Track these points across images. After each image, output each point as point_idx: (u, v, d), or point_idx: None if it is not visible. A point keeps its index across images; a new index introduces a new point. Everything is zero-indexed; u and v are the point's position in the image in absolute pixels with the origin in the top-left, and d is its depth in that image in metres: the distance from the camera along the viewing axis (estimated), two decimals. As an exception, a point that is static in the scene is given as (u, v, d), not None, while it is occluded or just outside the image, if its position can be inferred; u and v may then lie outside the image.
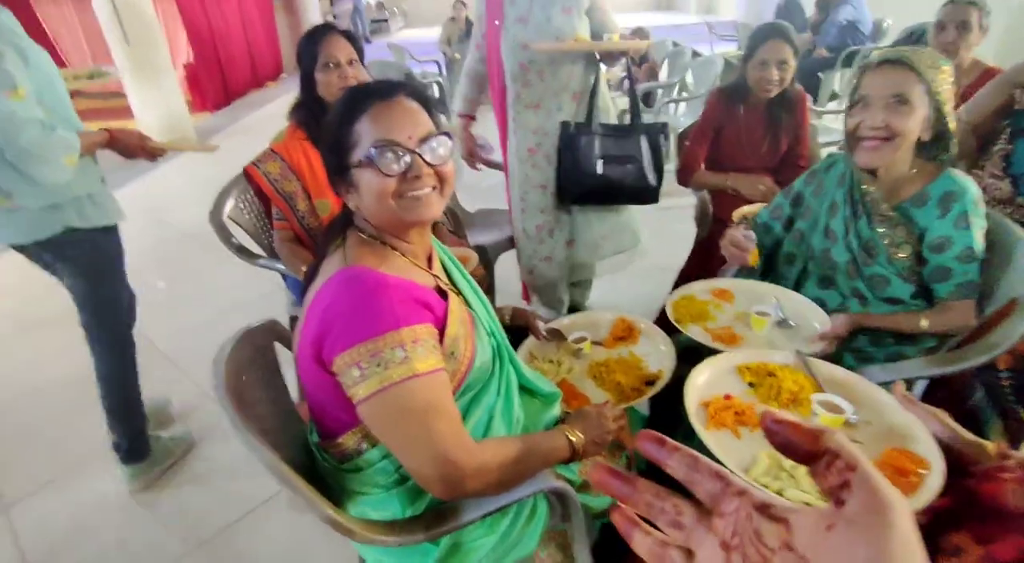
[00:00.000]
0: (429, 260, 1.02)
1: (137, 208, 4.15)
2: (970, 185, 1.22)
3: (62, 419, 2.17)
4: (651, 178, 2.00)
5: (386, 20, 14.33)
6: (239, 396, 0.94)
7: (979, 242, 1.21)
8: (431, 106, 0.95)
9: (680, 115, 4.60)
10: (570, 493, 1.01)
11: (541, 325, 1.37)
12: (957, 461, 0.84)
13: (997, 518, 0.68)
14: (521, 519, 1.03)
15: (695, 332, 1.30)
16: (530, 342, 1.37)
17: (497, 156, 2.28)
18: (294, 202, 1.68)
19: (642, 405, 1.46)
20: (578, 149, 1.94)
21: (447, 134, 0.92)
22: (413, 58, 6.44)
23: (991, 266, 1.25)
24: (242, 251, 1.86)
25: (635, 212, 2.23)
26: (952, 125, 1.20)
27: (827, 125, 3.54)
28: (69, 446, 2.04)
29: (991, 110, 1.60)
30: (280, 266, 1.77)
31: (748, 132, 2.08)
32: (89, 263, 1.65)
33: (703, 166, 2.18)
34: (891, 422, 0.94)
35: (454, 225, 1.98)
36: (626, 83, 4.56)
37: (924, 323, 1.23)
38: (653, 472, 1.23)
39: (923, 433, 0.88)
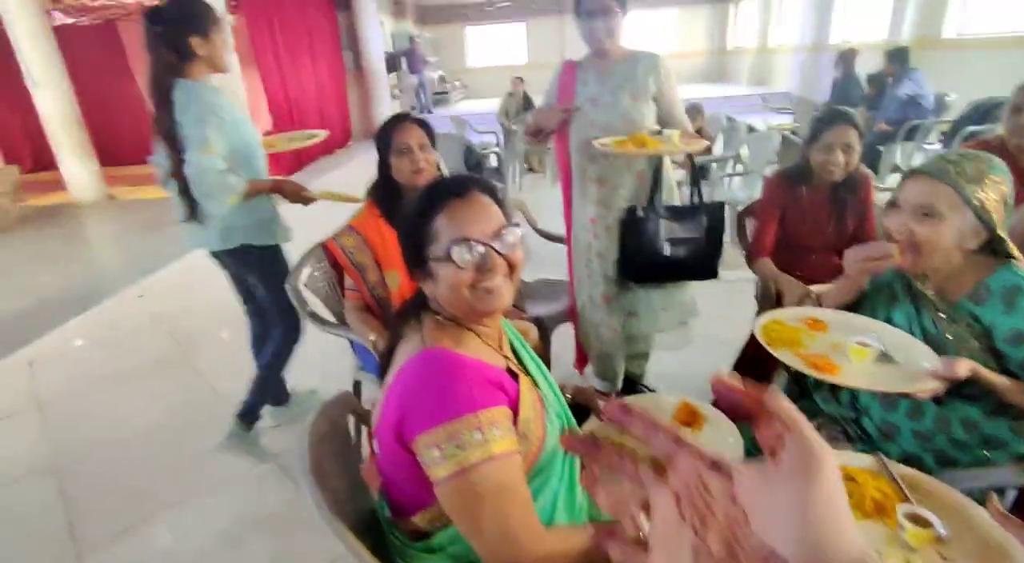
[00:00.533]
0: (500, 341, 1.06)
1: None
2: None
3: (143, 467, 2.27)
4: (712, 256, 2.02)
5: (447, 93, 15.22)
6: (319, 471, 0.98)
7: None
8: (501, 199, 1.01)
9: (735, 189, 4.63)
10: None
11: (603, 405, 1.36)
12: None
13: None
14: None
15: (786, 356, 1.22)
16: (592, 422, 1.37)
17: (559, 228, 2.35)
18: (365, 273, 1.77)
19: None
20: (643, 233, 1.99)
21: (517, 224, 0.98)
22: (473, 129, 6.79)
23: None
24: (315, 318, 1.96)
25: (694, 285, 2.23)
26: (999, 231, 1.17)
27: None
28: (148, 495, 2.12)
29: None
30: (350, 334, 1.85)
31: (812, 214, 2.08)
32: (262, 271, 2.13)
33: (771, 247, 2.16)
34: (985, 538, 0.89)
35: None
36: (681, 158, 4.67)
37: None
38: None
39: (1021, 553, 0.83)
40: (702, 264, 2.05)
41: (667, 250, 2.00)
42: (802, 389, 1.56)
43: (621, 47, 1.96)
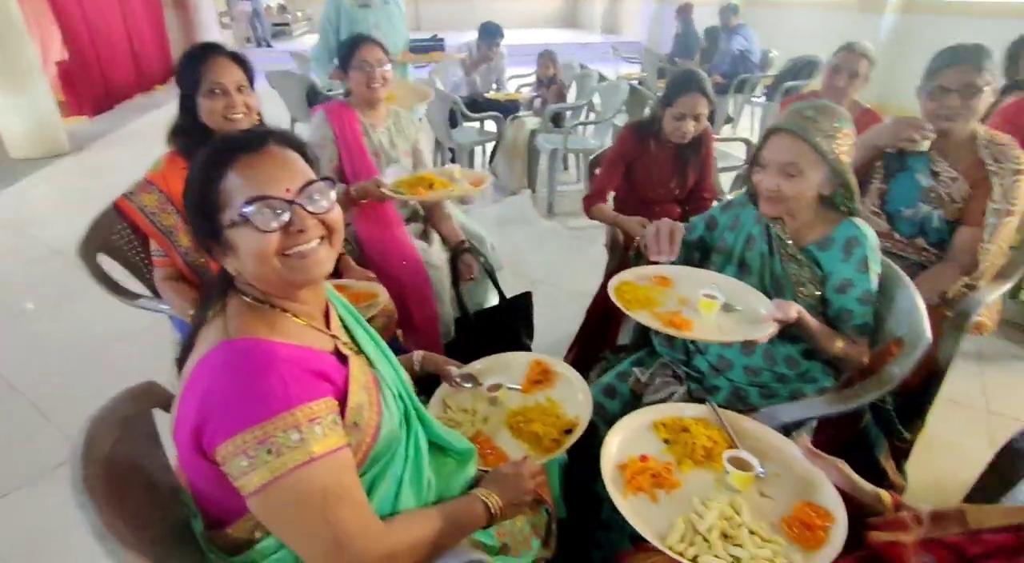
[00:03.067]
0: (327, 317, 0.93)
1: (-3, 223, 3.68)
2: (870, 233, 1.30)
3: None
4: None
5: (288, 24, 13.63)
6: (107, 486, 0.80)
7: (875, 286, 1.30)
8: (307, 152, 0.87)
9: (589, 136, 4.71)
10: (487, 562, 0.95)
11: (454, 371, 1.30)
12: (857, 511, 0.87)
13: None
14: (436, 593, 0.96)
15: (644, 317, 1.27)
16: (444, 390, 1.30)
17: None
18: (175, 237, 1.51)
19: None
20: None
21: (329, 179, 0.85)
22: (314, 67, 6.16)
23: (877, 306, 1.34)
24: (119, 290, 1.65)
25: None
26: (853, 181, 1.27)
27: (723, 151, 3.75)
28: None
29: (856, 163, 1.74)
30: (164, 307, 1.59)
31: (659, 168, 2.15)
32: None
33: (613, 196, 2.21)
34: (798, 474, 0.97)
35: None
36: (537, 103, 4.64)
37: (840, 344, 1.29)
38: (574, 522, 1.20)
39: (827, 485, 0.91)
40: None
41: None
42: (644, 338, 1.62)
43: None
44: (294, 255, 0.82)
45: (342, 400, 0.83)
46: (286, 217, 0.80)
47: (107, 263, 1.68)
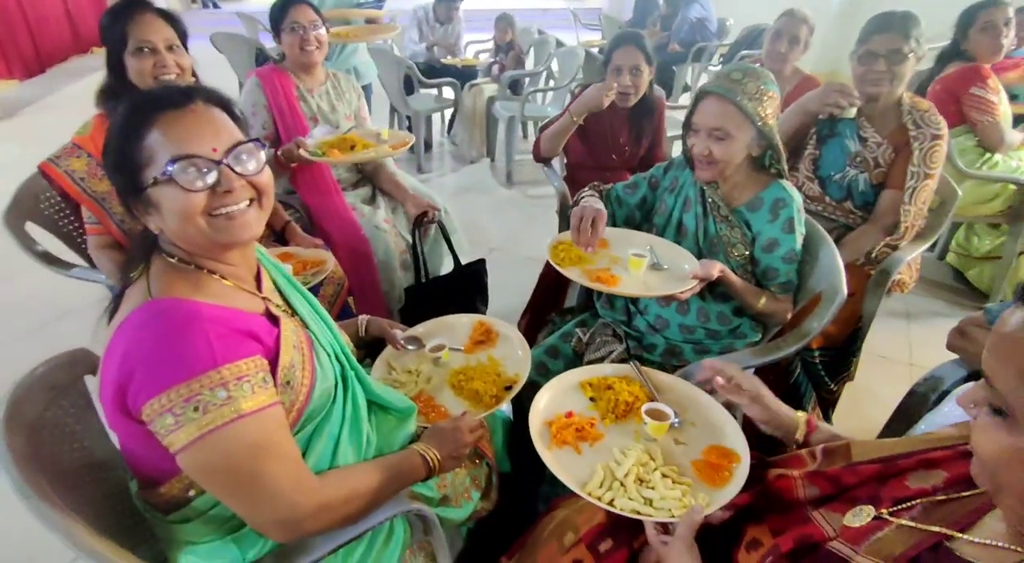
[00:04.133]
0: (258, 280, 0.94)
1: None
2: (796, 194, 1.36)
3: None
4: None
5: (237, -17, 12.97)
6: (35, 456, 0.80)
7: (799, 246, 1.36)
8: (235, 111, 0.86)
9: (547, 104, 4.69)
10: (427, 513, 0.99)
11: (399, 334, 1.32)
12: (777, 442, 0.94)
13: (790, 511, 0.76)
14: (377, 543, 1.00)
15: (575, 274, 1.35)
16: (388, 352, 1.33)
17: None
18: (108, 204, 1.47)
19: (506, 408, 1.49)
20: None
21: (258, 141, 0.84)
22: (266, 29, 5.92)
23: (803, 265, 1.41)
24: (50, 260, 1.60)
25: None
26: (778, 143, 1.33)
27: (678, 118, 3.79)
28: None
29: (792, 129, 1.81)
30: (100, 277, 1.55)
31: (613, 133, 2.17)
32: None
33: (566, 162, 2.22)
34: (709, 421, 1.04)
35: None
36: (495, 69, 4.57)
37: (763, 300, 1.37)
38: (517, 477, 1.25)
39: (734, 429, 0.99)
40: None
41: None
42: (588, 301, 1.67)
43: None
44: (221, 216, 0.81)
45: (273, 360, 0.84)
46: (213, 177, 0.79)
47: (39, 234, 1.62)
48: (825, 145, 1.80)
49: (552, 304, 2.01)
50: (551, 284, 2.08)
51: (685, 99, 5.65)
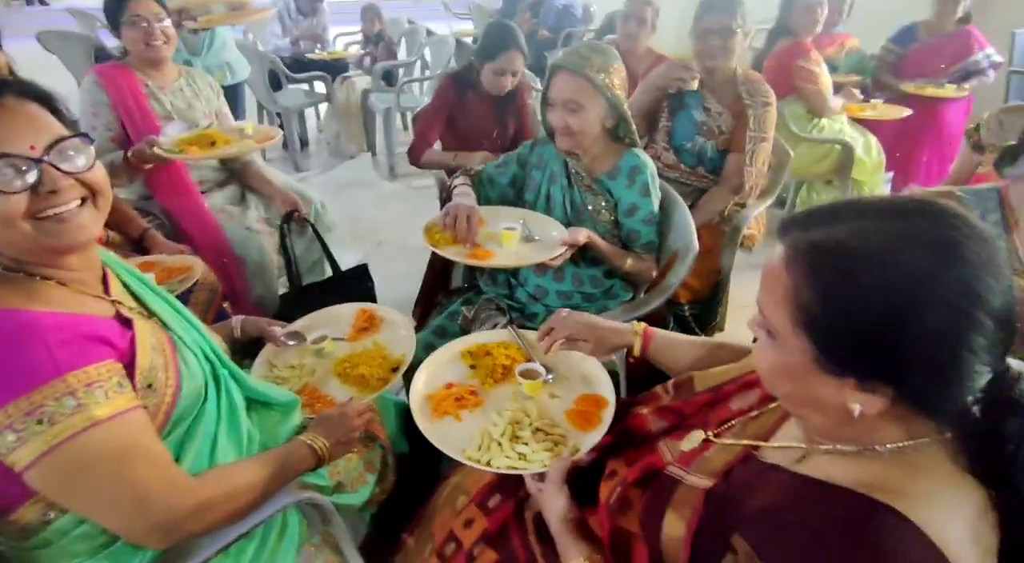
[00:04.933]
0: (105, 283, 0.88)
1: None
2: (649, 161, 1.48)
3: None
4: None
5: (67, -23, 11.61)
6: None
7: (656, 208, 1.48)
8: (55, 104, 0.80)
9: (424, 94, 4.67)
10: (319, 501, 0.98)
11: (278, 331, 1.29)
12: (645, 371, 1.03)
13: (643, 444, 0.85)
14: (271, 538, 0.97)
15: (451, 253, 1.39)
16: (268, 351, 1.29)
17: None
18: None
19: (400, 393, 1.50)
20: None
21: (85, 136, 0.79)
22: (105, 27, 5.36)
23: (662, 226, 1.54)
24: None
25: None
26: (627, 113, 1.43)
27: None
28: None
29: (646, 104, 1.96)
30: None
31: (479, 118, 2.22)
32: None
33: (438, 147, 2.25)
34: (581, 373, 1.11)
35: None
36: (366, 62, 4.47)
37: (629, 261, 1.47)
38: (416, 457, 1.27)
39: (603, 377, 1.06)
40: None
41: None
42: (471, 280, 1.72)
43: None
44: (51, 219, 0.76)
45: (129, 363, 0.80)
46: (32, 176, 0.73)
47: None
48: (676, 117, 1.96)
49: (441, 287, 2.04)
50: (438, 269, 2.10)
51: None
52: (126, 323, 0.84)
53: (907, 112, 2.85)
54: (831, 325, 0.53)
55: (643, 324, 1.04)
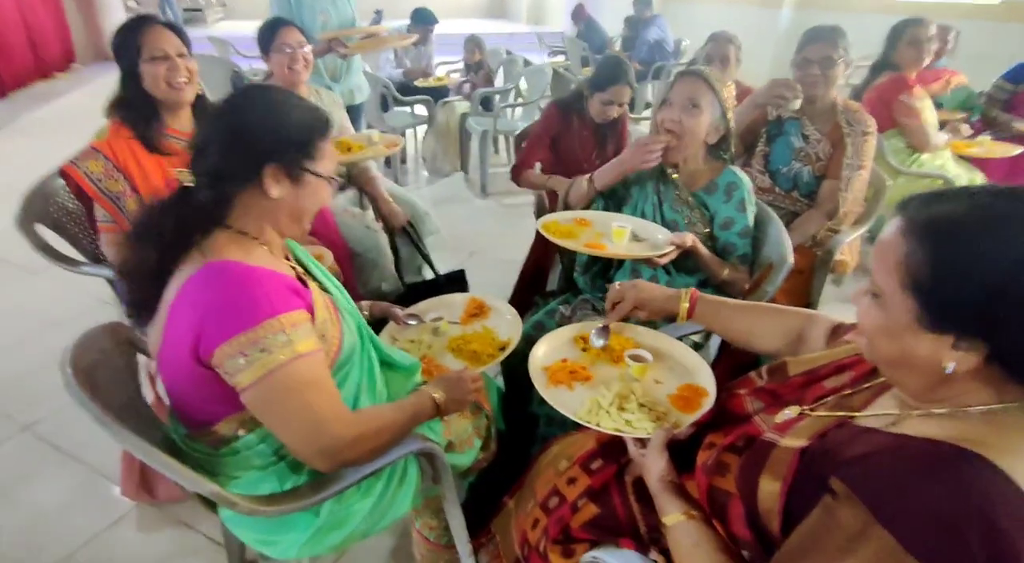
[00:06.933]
0: (285, 253, 1.08)
1: None
2: (745, 178, 1.56)
3: None
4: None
5: (201, 10, 13.02)
6: (92, 393, 0.91)
7: (751, 222, 1.56)
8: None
9: (517, 119, 4.91)
10: (437, 452, 1.12)
11: (400, 313, 1.46)
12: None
13: (740, 421, 0.92)
14: (394, 482, 1.12)
15: (567, 242, 1.51)
16: (391, 327, 1.46)
17: None
18: (122, 202, 1.58)
19: (498, 378, 1.63)
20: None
21: None
22: (239, 53, 6.04)
23: (756, 240, 1.61)
24: (60, 257, 1.69)
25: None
26: (733, 126, 1.53)
27: (642, 130, 4.05)
28: None
29: (747, 123, 2.03)
30: (107, 272, 1.65)
31: (581, 143, 2.37)
32: None
33: (538, 168, 2.42)
34: (684, 364, 1.21)
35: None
36: (466, 88, 4.78)
37: (727, 271, 1.54)
38: (513, 433, 1.39)
39: (706, 372, 1.15)
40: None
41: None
42: (568, 282, 1.84)
43: None
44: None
45: (311, 314, 0.97)
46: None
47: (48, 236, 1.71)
48: (774, 143, 2.03)
49: (534, 291, 2.18)
50: (533, 273, 2.25)
51: (646, 114, 5.96)
52: (303, 284, 1.02)
53: (1017, 150, 2.75)
54: (939, 287, 0.61)
55: (691, 289, 1.16)
